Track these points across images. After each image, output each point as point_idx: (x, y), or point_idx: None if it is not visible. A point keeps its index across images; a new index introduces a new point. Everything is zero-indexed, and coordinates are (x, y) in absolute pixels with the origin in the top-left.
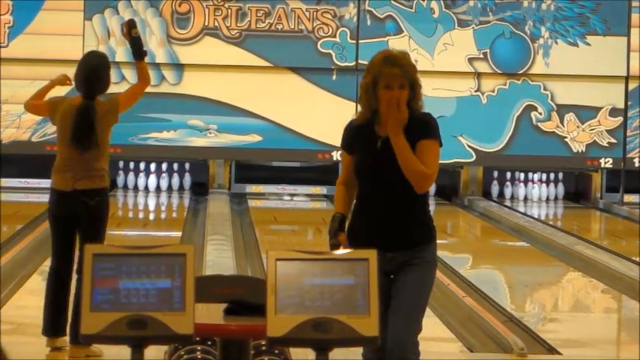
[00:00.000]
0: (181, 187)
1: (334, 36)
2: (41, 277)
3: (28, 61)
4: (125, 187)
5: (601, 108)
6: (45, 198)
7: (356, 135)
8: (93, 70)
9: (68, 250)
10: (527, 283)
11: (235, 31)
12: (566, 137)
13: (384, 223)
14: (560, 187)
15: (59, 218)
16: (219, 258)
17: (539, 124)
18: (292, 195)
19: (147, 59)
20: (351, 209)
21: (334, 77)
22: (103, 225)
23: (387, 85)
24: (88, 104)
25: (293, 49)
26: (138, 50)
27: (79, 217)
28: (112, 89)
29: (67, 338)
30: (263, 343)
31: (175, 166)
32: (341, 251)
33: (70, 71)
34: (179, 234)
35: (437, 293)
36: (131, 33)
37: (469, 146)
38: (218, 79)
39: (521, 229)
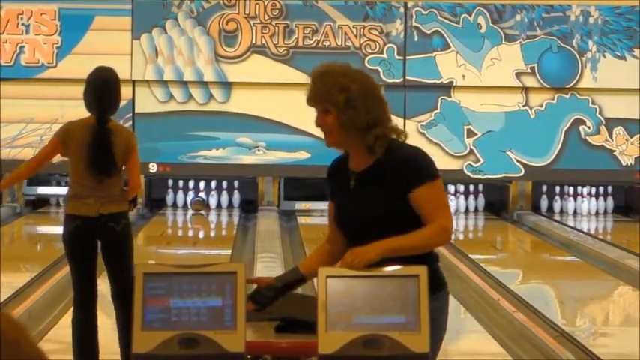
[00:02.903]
0: (230, 205)
1: (381, 52)
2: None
3: (76, 81)
4: (174, 205)
5: None
6: None
7: (333, 173)
8: (106, 89)
9: (93, 281)
10: (578, 298)
11: (283, 49)
12: (614, 151)
13: None
14: (610, 200)
15: (84, 246)
16: (269, 275)
17: (587, 138)
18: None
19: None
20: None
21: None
22: (132, 249)
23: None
24: (103, 130)
25: None
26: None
27: (103, 244)
28: (160, 108)
29: None
30: None
31: (224, 184)
32: (391, 268)
33: (121, 90)
34: (229, 252)
35: (487, 309)
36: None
37: (518, 161)
38: (266, 97)
39: (571, 244)
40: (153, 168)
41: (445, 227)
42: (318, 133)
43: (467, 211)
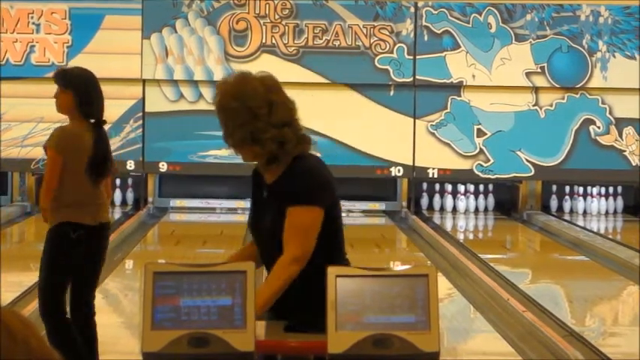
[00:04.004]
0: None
1: (391, 52)
2: (101, 295)
3: None
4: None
5: None
6: None
7: (255, 179)
8: (98, 91)
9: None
10: (588, 298)
11: (293, 48)
12: (624, 151)
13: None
14: (620, 200)
15: (83, 257)
16: None
17: (597, 138)
18: (349, 211)
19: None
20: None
21: (392, 93)
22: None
23: None
24: (103, 132)
25: (350, 66)
26: None
27: (91, 252)
28: (170, 107)
29: None
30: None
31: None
32: (401, 267)
33: (131, 89)
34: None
35: (497, 308)
36: None
37: (527, 160)
38: None
39: (581, 243)
40: (163, 167)
41: (294, 257)
42: (328, 132)
43: (477, 210)
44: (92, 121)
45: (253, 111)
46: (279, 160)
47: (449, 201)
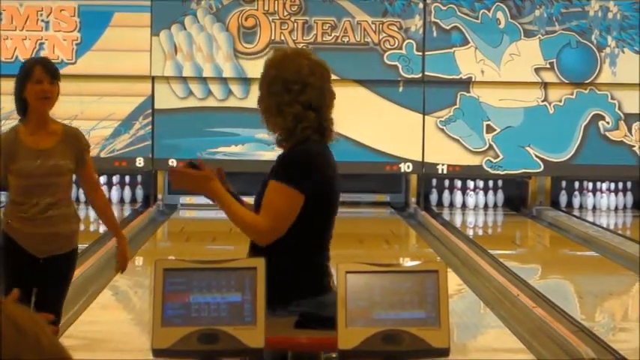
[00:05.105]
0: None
1: (400, 48)
2: (111, 292)
3: (96, 77)
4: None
5: None
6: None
7: None
8: None
9: None
10: (597, 293)
11: (302, 45)
12: (634, 146)
13: None
14: (629, 196)
15: None
16: None
17: (606, 134)
18: (356, 204)
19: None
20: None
21: (401, 89)
22: None
23: None
24: None
25: (359, 62)
26: None
27: None
28: (179, 104)
29: None
30: (334, 355)
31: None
32: (410, 263)
33: (140, 86)
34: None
35: (506, 304)
36: None
37: (537, 156)
38: None
39: (590, 239)
40: (172, 164)
41: (260, 226)
42: (338, 128)
43: (486, 206)
44: None
45: (286, 84)
46: (290, 141)
47: (458, 197)
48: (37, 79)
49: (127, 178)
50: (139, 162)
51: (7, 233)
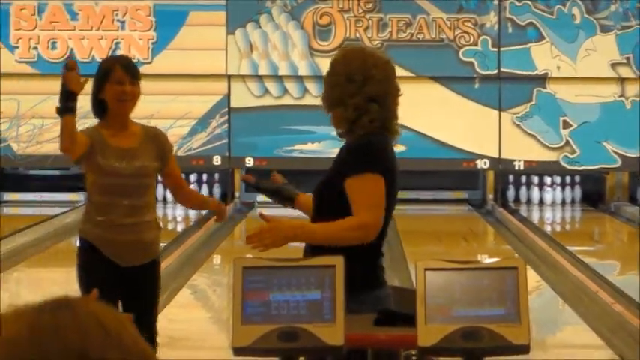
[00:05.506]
0: None
1: (476, 44)
2: (190, 290)
3: (172, 76)
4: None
5: None
6: (189, 212)
7: None
8: None
9: None
10: None
11: (377, 42)
12: None
13: None
14: None
15: None
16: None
17: None
18: (434, 201)
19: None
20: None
21: (476, 85)
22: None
23: None
24: None
25: (434, 59)
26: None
27: None
28: (255, 102)
29: None
30: (413, 353)
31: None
32: (489, 260)
33: (216, 85)
34: None
35: (585, 300)
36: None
37: (614, 152)
38: None
39: None
40: (249, 162)
41: (364, 223)
42: (414, 125)
43: (563, 202)
44: None
45: (349, 76)
46: (352, 133)
47: (535, 193)
48: (117, 79)
49: (205, 177)
50: (216, 160)
51: (87, 240)
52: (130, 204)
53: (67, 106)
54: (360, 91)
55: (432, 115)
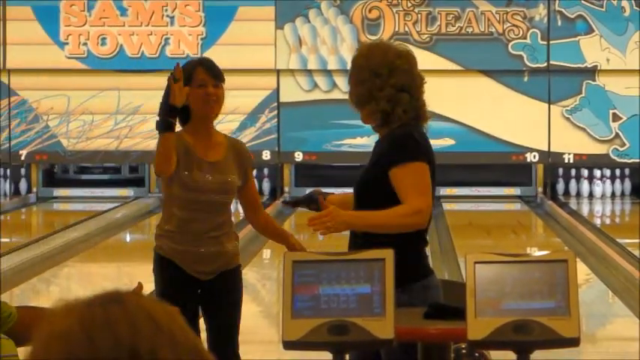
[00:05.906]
0: None
1: (525, 37)
2: None
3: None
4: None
5: None
6: (238, 206)
7: None
8: None
9: None
10: None
11: (426, 36)
12: None
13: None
14: None
15: None
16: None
17: None
18: (486, 197)
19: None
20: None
21: (526, 79)
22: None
23: None
24: None
25: (484, 52)
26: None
27: None
28: (304, 97)
29: None
30: (463, 346)
31: None
32: (538, 253)
33: (265, 80)
34: None
35: (635, 293)
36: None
37: None
38: None
39: None
40: (298, 157)
41: (418, 208)
42: (463, 119)
43: (613, 195)
44: None
45: (374, 70)
46: (391, 123)
47: (585, 186)
48: (200, 82)
49: (254, 172)
50: (266, 155)
51: (163, 255)
52: (211, 219)
53: (167, 122)
54: (387, 83)
55: (481, 108)
